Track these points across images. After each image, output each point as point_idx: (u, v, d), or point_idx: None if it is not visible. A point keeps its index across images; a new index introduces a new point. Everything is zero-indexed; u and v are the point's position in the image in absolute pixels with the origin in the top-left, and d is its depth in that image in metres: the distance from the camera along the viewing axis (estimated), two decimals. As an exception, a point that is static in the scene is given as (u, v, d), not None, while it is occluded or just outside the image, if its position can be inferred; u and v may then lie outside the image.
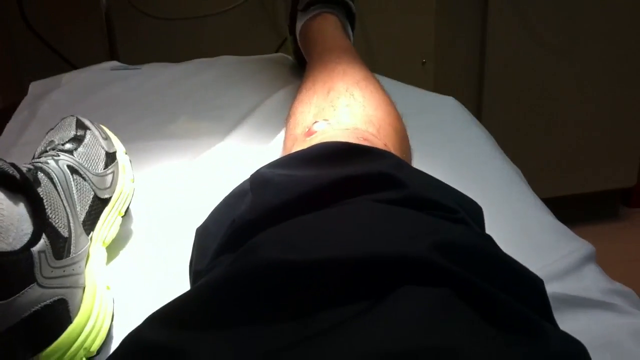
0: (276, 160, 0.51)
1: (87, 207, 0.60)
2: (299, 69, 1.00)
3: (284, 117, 0.86)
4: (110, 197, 0.64)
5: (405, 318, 0.31)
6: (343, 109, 0.64)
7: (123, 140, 0.74)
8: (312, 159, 0.47)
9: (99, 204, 0.62)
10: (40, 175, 0.56)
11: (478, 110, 1.68)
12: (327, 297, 0.33)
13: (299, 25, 0.93)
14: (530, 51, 1.62)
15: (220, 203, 0.50)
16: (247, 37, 1.49)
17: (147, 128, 0.87)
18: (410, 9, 1.53)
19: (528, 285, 0.38)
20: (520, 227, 0.66)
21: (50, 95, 0.96)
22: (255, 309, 0.34)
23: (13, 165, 0.54)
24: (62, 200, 0.56)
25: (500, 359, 0.31)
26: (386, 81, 0.84)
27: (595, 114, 1.72)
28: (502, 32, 1.58)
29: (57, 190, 0.56)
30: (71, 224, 0.55)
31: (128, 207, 0.67)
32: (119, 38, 1.36)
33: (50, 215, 0.53)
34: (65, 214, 0.55)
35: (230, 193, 0.49)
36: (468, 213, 0.45)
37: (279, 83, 0.98)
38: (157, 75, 1.02)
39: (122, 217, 0.65)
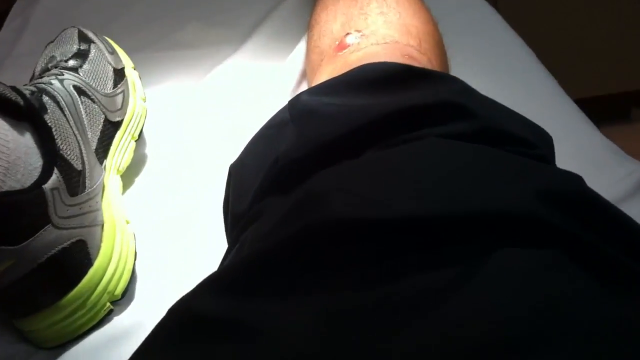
0: (318, 85, 0.44)
1: (98, 133, 0.55)
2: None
3: (303, 23, 0.79)
4: (122, 120, 0.58)
5: (509, 294, 0.26)
6: (376, 17, 0.57)
7: (127, 51, 0.68)
8: (363, 84, 0.41)
9: (110, 128, 0.57)
10: (45, 98, 0.50)
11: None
12: (412, 262, 0.28)
13: None
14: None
15: (256, 135, 0.44)
16: None
17: (152, 36, 0.80)
18: None
19: (630, 232, 0.33)
20: (570, 145, 0.61)
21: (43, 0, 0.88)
22: (327, 275, 0.29)
23: (14, 89, 0.48)
24: (71, 128, 0.50)
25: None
26: None
27: (605, 11, 1.63)
28: None
29: (65, 115, 0.50)
30: (84, 154, 0.50)
31: (141, 130, 0.61)
32: None
33: (60, 146, 0.47)
34: (76, 143, 0.49)
35: (267, 123, 0.43)
36: (542, 145, 0.39)
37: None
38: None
39: (135, 141, 0.60)
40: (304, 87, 0.70)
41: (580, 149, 0.60)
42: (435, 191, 0.31)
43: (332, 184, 0.33)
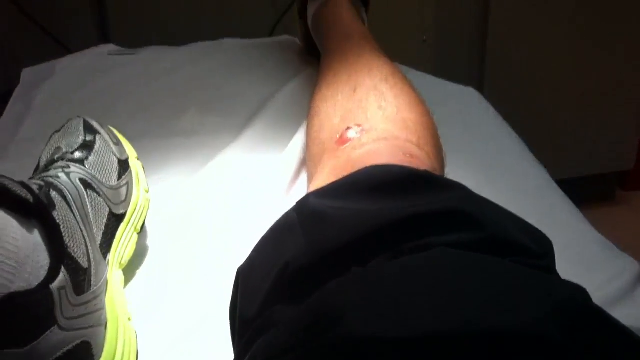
0: (325, 187, 0.45)
1: (103, 227, 0.55)
2: (308, 54, 0.95)
3: (300, 111, 0.81)
4: (125, 212, 0.59)
5: None
6: (375, 111, 0.59)
7: (128, 138, 0.69)
8: (369, 188, 0.42)
9: (114, 222, 0.57)
10: (53, 194, 0.50)
11: (480, 86, 1.63)
12: None
13: (311, 9, 0.87)
14: (535, 28, 1.57)
15: (264, 237, 0.44)
16: (242, 12, 1.43)
17: (152, 123, 0.81)
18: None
19: (633, 347, 0.33)
20: (562, 241, 0.62)
21: (45, 84, 0.90)
22: None
23: (23, 184, 0.48)
24: (78, 224, 0.51)
25: None
26: (403, 70, 0.79)
27: (594, 94, 1.68)
28: (505, 3, 1.53)
29: (72, 211, 0.51)
30: (90, 251, 0.50)
31: (144, 222, 0.61)
32: (110, 14, 1.29)
33: (68, 244, 0.47)
34: (83, 240, 0.50)
35: (275, 226, 0.44)
36: (544, 251, 0.40)
37: (290, 71, 0.92)
38: (158, 61, 0.96)
39: (138, 233, 0.60)
40: (303, 178, 0.71)
41: (573, 246, 0.62)
42: (450, 307, 0.31)
43: (346, 299, 0.33)
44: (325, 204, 0.41)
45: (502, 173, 0.73)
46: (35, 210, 0.47)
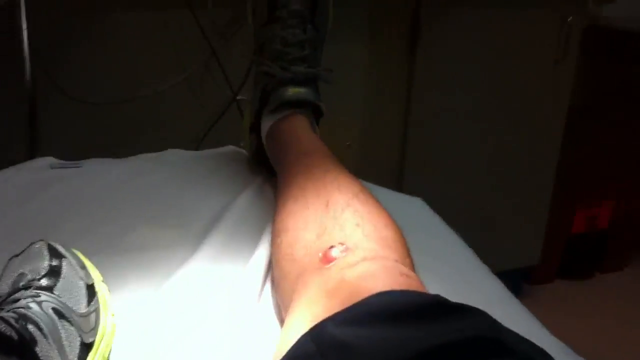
0: (341, 314, 0.44)
1: (75, 358, 0.52)
2: (258, 167, 0.96)
3: (257, 222, 0.81)
4: (94, 341, 0.56)
5: None
6: (353, 229, 0.60)
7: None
8: (389, 316, 0.42)
9: (84, 351, 0.54)
10: (31, 328, 0.48)
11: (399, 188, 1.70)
12: None
13: (265, 124, 0.88)
14: (451, 130, 1.66)
15: None
16: (176, 118, 1.44)
17: (102, 239, 0.78)
18: (340, 94, 1.54)
19: None
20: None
21: (-17, 199, 0.85)
22: None
23: (2, 319, 0.45)
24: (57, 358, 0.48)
25: None
26: None
27: (503, 194, 1.79)
28: (424, 111, 1.63)
29: (49, 344, 0.48)
30: (69, 388, 0.47)
31: (110, 349, 0.58)
32: (42, 123, 1.26)
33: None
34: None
35: (289, 355, 0.43)
36: None
37: (240, 183, 0.92)
38: (102, 175, 0.94)
39: (106, 361, 0.57)
40: (268, 291, 0.70)
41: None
42: None
43: None
44: (347, 332, 0.41)
45: (459, 287, 0.74)
46: (18, 347, 0.44)
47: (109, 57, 1.34)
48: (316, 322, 0.48)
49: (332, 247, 0.57)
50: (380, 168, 1.69)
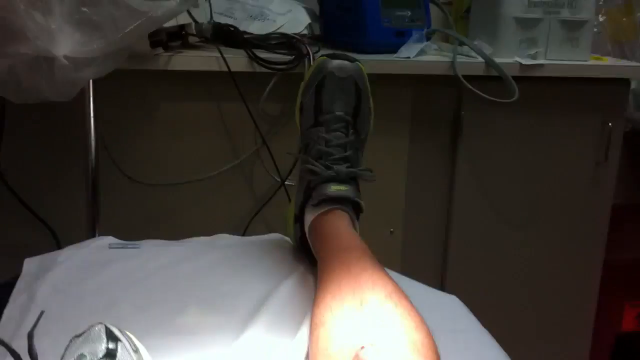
0: None
1: None
2: (300, 254, 1.01)
3: (298, 311, 0.86)
4: (143, 420, 0.61)
5: None
6: (385, 330, 0.64)
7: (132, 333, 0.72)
8: None
9: None
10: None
11: (442, 279, 1.73)
12: None
13: (308, 217, 0.94)
14: (493, 227, 1.69)
15: None
16: (228, 200, 1.52)
17: (154, 320, 0.84)
18: (380, 182, 1.60)
19: None
20: None
21: (47, 276, 0.92)
22: None
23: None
24: None
25: None
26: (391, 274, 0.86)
27: (546, 291, 1.79)
28: (466, 205, 1.67)
29: None
30: None
31: None
32: (103, 202, 1.35)
33: None
34: None
35: None
36: None
37: (283, 270, 0.98)
38: (158, 257, 1.01)
39: None
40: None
41: None
42: None
43: None
44: None
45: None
46: None
47: (167, 143, 1.44)
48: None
49: (363, 347, 0.61)
50: (423, 257, 1.72)
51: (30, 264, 0.96)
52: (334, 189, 0.92)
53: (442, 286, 1.72)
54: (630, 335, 2.03)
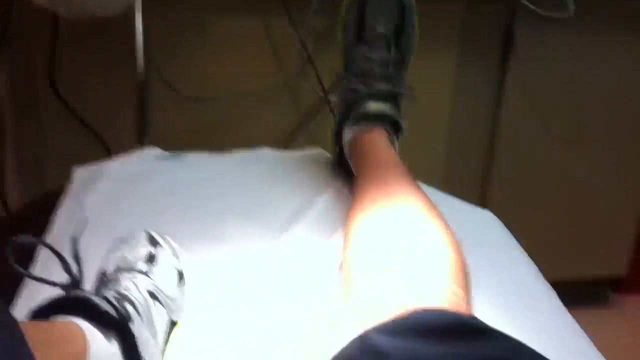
0: (385, 324, 0.51)
1: (164, 335, 0.61)
2: (338, 169, 1.03)
3: (332, 223, 0.88)
4: (178, 320, 0.65)
5: None
6: (415, 253, 0.65)
7: (176, 241, 0.76)
8: (431, 331, 0.48)
9: (170, 327, 0.64)
10: (129, 307, 0.57)
11: (484, 198, 1.73)
12: None
13: (347, 134, 0.95)
14: (540, 141, 1.68)
15: None
16: (272, 115, 1.53)
17: (196, 227, 0.88)
18: (426, 98, 1.59)
19: None
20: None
21: (96, 185, 0.97)
22: None
23: (107, 300, 0.55)
24: (150, 335, 0.57)
25: None
26: (424, 187, 0.87)
27: (592, 202, 1.78)
28: (513, 126, 1.65)
29: (142, 322, 0.57)
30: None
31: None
32: (152, 116, 1.38)
33: (142, 355, 0.53)
34: (155, 351, 0.56)
35: (338, 356, 0.50)
36: None
37: (322, 183, 1.00)
38: (202, 168, 1.04)
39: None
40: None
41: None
42: None
43: None
44: (386, 342, 0.47)
45: (518, 306, 0.78)
46: (116, 323, 0.53)
47: (214, 57, 1.45)
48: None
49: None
50: (466, 176, 1.72)
51: (79, 173, 1.01)
52: (374, 106, 0.92)
53: (483, 204, 1.72)
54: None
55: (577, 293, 1.89)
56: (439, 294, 0.57)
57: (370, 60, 0.93)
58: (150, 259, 0.67)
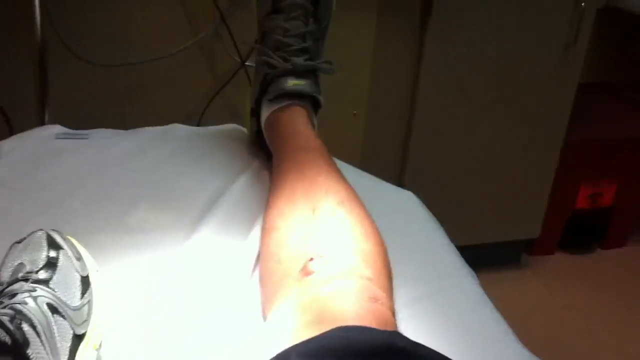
0: (305, 345, 0.48)
1: (67, 352, 0.56)
2: (256, 148, 0.98)
3: (251, 210, 0.84)
4: (85, 332, 0.60)
5: None
6: (335, 239, 0.63)
7: (79, 233, 0.70)
8: (356, 354, 0.45)
9: (76, 342, 0.58)
10: (26, 327, 0.51)
11: (403, 159, 1.73)
12: None
13: (265, 112, 0.91)
14: (457, 104, 1.68)
15: None
16: (184, 81, 1.46)
17: (103, 217, 0.82)
18: (346, 63, 1.56)
19: None
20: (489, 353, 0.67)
21: (-10, 168, 0.89)
22: None
23: (1, 324, 0.49)
24: (48, 356, 0.52)
25: None
26: (344, 167, 0.84)
27: (507, 166, 1.82)
28: (432, 86, 1.64)
29: (42, 343, 0.52)
30: (59, 385, 0.51)
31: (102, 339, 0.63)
32: (51, 81, 1.28)
33: (41, 383, 0.49)
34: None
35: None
36: None
37: (238, 165, 0.95)
38: (108, 148, 0.97)
39: (97, 350, 0.61)
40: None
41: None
42: None
43: None
44: None
45: (438, 291, 0.77)
46: (11, 350, 0.48)
47: (119, 20, 1.35)
48: (288, 338, 0.52)
49: (312, 259, 0.60)
50: (385, 139, 1.71)
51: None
52: (291, 83, 0.88)
53: (403, 165, 1.72)
54: (583, 213, 2.09)
55: (491, 255, 1.96)
56: (359, 294, 0.54)
57: (287, 31, 0.88)
58: (50, 265, 0.61)
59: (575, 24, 1.63)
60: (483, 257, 1.77)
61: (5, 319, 0.51)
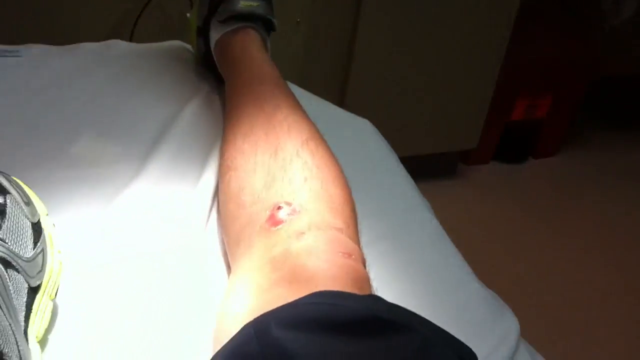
0: (284, 314, 0.45)
1: (23, 307, 0.53)
2: (204, 69, 0.93)
3: (203, 140, 0.81)
4: (41, 283, 0.57)
5: None
6: (301, 183, 0.61)
7: (20, 170, 0.65)
8: (334, 326, 0.43)
9: (31, 295, 0.55)
10: (-21, 289, 0.48)
11: (346, 70, 1.70)
12: None
13: (214, 34, 0.85)
14: (399, 19, 1.65)
15: None
16: None
17: (46, 151, 0.76)
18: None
19: None
20: (455, 301, 0.69)
21: None
22: None
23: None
24: (5, 317, 0.49)
25: None
26: (298, 92, 0.81)
27: (447, 80, 1.83)
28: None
29: (-2, 305, 0.49)
30: (19, 345, 0.49)
31: (58, 287, 0.60)
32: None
33: (2, 349, 0.46)
34: (13, 337, 0.48)
35: (229, 350, 0.45)
36: None
37: (188, 90, 0.90)
38: (43, 67, 0.90)
39: (53, 300, 0.58)
40: (214, 220, 0.71)
41: (465, 307, 0.68)
42: None
43: None
44: (289, 337, 0.42)
45: (399, 227, 0.77)
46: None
47: None
48: (261, 295, 0.51)
49: (279, 207, 0.58)
50: (327, 48, 1.67)
51: None
52: (244, 4, 0.82)
53: (345, 77, 1.69)
54: (518, 123, 2.14)
55: (430, 165, 1.99)
56: (332, 249, 0.53)
57: None
58: (-2, 213, 0.57)
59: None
60: (423, 167, 1.80)
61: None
